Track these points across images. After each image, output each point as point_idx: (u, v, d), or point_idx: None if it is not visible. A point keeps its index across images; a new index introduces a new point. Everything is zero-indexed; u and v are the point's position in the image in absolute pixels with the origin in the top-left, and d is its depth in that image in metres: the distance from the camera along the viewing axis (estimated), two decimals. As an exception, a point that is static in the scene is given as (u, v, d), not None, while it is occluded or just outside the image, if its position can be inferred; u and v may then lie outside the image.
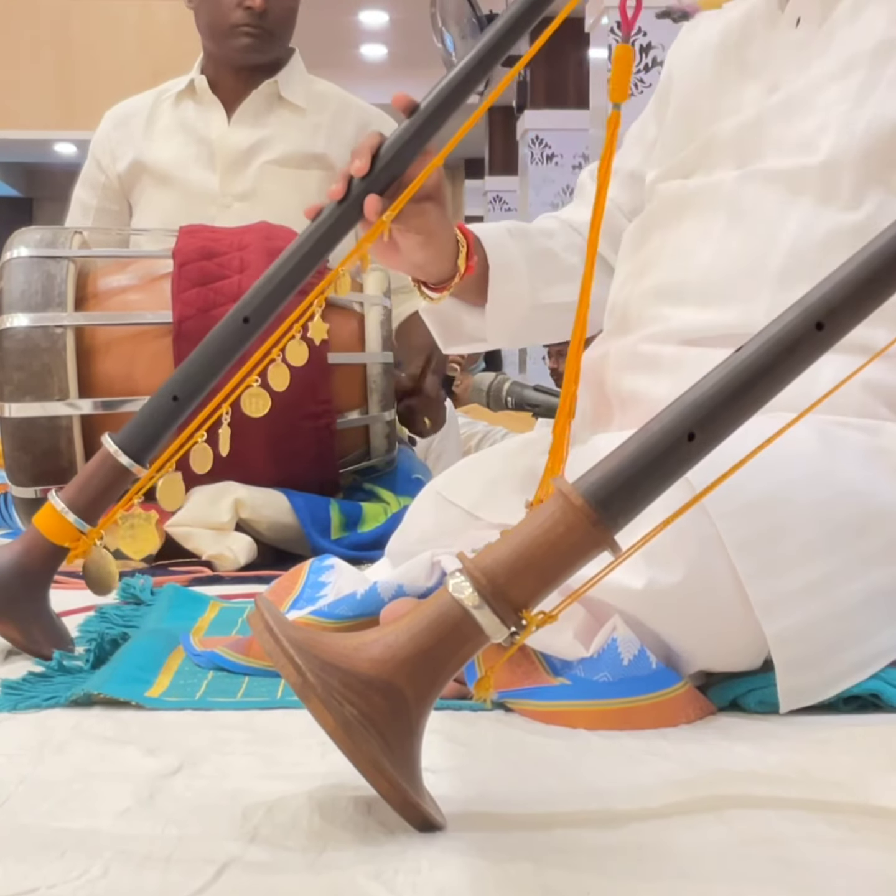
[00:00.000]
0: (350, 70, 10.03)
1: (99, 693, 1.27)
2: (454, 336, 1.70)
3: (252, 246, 2.42)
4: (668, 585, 1.25)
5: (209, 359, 1.50)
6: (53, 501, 1.49)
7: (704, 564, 1.24)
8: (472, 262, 1.57)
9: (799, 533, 1.26)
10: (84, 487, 1.50)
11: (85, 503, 1.49)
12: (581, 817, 0.97)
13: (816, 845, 0.91)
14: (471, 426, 4.60)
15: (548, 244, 1.68)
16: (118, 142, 2.94)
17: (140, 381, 2.32)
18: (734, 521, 1.24)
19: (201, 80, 2.92)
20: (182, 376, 1.51)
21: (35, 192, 13.57)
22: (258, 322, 1.50)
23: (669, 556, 1.24)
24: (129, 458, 1.49)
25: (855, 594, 1.27)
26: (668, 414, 0.95)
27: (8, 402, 2.28)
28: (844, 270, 0.95)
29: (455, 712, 1.24)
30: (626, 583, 1.24)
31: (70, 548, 1.50)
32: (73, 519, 1.48)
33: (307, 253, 1.49)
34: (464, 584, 0.93)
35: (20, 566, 1.49)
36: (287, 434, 1.53)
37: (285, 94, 2.90)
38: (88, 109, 8.06)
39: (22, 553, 1.49)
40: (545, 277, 1.66)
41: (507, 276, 1.63)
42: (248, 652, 1.42)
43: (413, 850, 0.88)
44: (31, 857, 0.87)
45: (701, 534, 1.24)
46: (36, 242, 2.38)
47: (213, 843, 0.90)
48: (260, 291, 1.50)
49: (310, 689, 0.89)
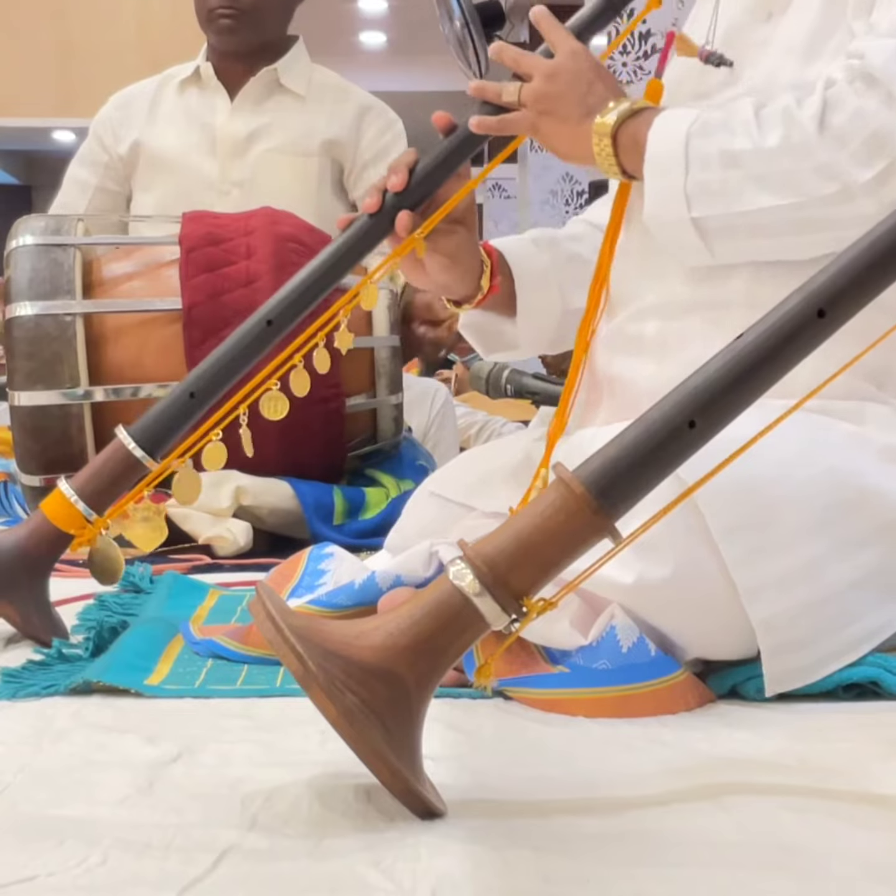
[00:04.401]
0: (349, 57, 10.00)
1: (98, 681, 1.27)
2: (493, 345, 1.71)
3: (258, 231, 2.42)
4: (657, 579, 1.25)
5: (229, 358, 1.51)
6: (63, 488, 1.49)
7: (692, 554, 1.24)
8: (496, 282, 1.58)
9: (785, 517, 1.26)
10: (95, 477, 1.50)
11: (94, 492, 1.49)
12: (580, 805, 0.97)
13: (815, 832, 0.91)
14: (470, 416, 4.59)
15: (576, 249, 1.69)
16: (120, 122, 2.95)
17: (150, 368, 2.33)
18: (719, 507, 1.24)
19: (207, 66, 2.94)
20: (201, 374, 1.51)
21: (34, 180, 13.54)
22: (281, 325, 1.51)
23: (659, 548, 1.24)
24: (142, 451, 1.49)
25: (842, 577, 1.27)
26: (669, 401, 0.95)
27: (18, 390, 2.29)
28: (846, 257, 0.95)
29: (454, 700, 1.24)
30: (616, 577, 1.25)
31: (75, 535, 1.50)
32: (82, 507, 1.48)
33: (336, 262, 1.51)
34: (464, 571, 0.93)
35: (24, 549, 1.49)
36: (297, 418, 1.54)
37: (285, 82, 2.92)
38: (87, 97, 8.04)
39: (26, 537, 1.49)
40: (575, 282, 1.66)
41: (535, 287, 1.64)
42: (246, 640, 1.42)
43: (412, 837, 0.88)
44: (31, 845, 0.87)
45: (688, 523, 1.24)
46: (41, 230, 2.38)
47: (212, 831, 0.90)
48: (286, 296, 1.50)
49: (311, 678, 0.89)
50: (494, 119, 1.45)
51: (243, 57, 2.91)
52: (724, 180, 1.33)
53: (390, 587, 1.37)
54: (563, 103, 1.41)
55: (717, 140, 1.33)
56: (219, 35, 2.87)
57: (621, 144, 1.39)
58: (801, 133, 1.29)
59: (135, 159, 2.93)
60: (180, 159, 2.89)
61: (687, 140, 1.34)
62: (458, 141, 1.48)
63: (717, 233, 1.35)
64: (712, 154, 1.33)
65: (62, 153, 4.95)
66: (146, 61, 7.56)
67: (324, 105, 2.94)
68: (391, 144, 2.93)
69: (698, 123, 1.35)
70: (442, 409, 3.82)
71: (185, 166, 2.89)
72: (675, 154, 1.34)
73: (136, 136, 2.92)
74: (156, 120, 2.94)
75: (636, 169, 1.39)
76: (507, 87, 1.45)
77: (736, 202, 1.32)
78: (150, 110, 2.95)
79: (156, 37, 8.06)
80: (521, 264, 1.63)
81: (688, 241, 1.37)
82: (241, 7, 2.82)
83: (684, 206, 1.34)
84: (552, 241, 1.69)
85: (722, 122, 1.34)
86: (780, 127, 1.30)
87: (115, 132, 2.95)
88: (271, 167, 2.88)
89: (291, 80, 2.92)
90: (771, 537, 1.25)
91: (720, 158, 1.33)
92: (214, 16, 2.84)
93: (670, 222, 1.36)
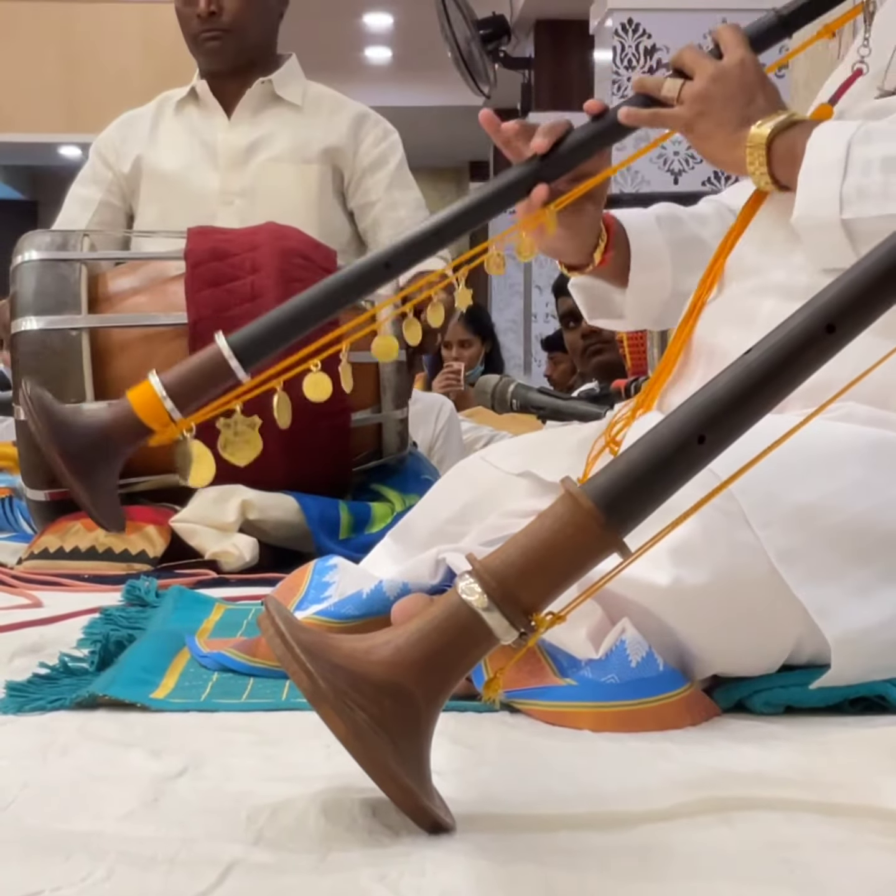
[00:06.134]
0: (354, 73, 10.01)
1: (104, 695, 1.27)
2: (599, 309, 1.72)
3: (263, 247, 2.43)
4: (694, 585, 1.24)
5: (340, 289, 1.51)
6: (153, 382, 1.47)
7: (734, 568, 1.23)
8: (608, 256, 1.60)
9: (843, 544, 1.25)
10: (185, 378, 1.47)
11: (182, 391, 1.46)
12: (586, 819, 0.97)
13: (821, 847, 0.90)
14: (475, 431, 4.59)
15: (697, 231, 1.69)
16: (123, 141, 2.99)
17: (155, 383, 2.32)
18: (777, 530, 1.23)
19: (202, 84, 2.99)
20: (308, 300, 1.50)
21: (39, 196, 13.55)
22: (398, 269, 1.52)
23: (698, 556, 1.23)
24: (237, 361, 1.48)
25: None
26: (678, 416, 0.95)
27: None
28: (855, 271, 0.95)
29: (460, 714, 1.24)
30: (650, 578, 1.23)
31: (155, 430, 1.48)
32: (168, 405, 1.46)
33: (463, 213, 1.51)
34: (473, 586, 0.93)
35: (105, 435, 1.46)
36: (304, 432, 1.54)
37: (281, 93, 2.96)
38: (93, 112, 8.06)
39: (109, 422, 1.47)
40: (689, 265, 1.66)
41: (649, 265, 1.65)
42: (254, 653, 1.41)
43: (417, 852, 0.88)
44: (36, 859, 0.87)
45: (734, 539, 1.23)
46: (46, 245, 2.39)
47: (217, 845, 0.90)
48: (408, 241, 1.50)
49: (321, 695, 0.89)
50: (647, 112, 1.47)
51: (235, 74, 2.95)
52: (885, 183, 1.32)
53: (398, 596, 1.37)
54: (723, 107, 1.42)
55: (880, 146, 1.33)
56: (207, 57, 2.92)
57: (776, 154, 1.39)
58: None
59: (137, 176, 2.96)
60: (182, 173, 2.92)
61: (849, 147, 1.34)
62: (605, 126, 1.50)
63: (868, 236, 1.31)
64: (874, 159, 1.32)
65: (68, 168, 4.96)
66: (151, 77, 7.59)
67: (320, 115, 2.97)
68: (388, 153, 2.95)
69: (861, 131, 1.34)
70: (447, 424, 3.83)
71: (188, 179, 2.92)
72: (835, 160, 1.34)
73: (138, 153, 2.96)
74: (157, 138, 2.99)
75: (790, 179, 1.39)
76: (667, 81, 1.46)
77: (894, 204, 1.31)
78: (151, 129, 3.00)
79: (161, 53, 8.08)
80: (639, 240, 1.64)
81: (835, 243, 1.35)
82: (222, 27, 2.86)
83: (837, 207, 1.34)
84: (676, 220, 1.69)
85: (886, 131, 1.33)
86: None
87: (118, 150, 2.98)
88: (272, 176, 2.90)
89: (287, 92, 2.97)
90: (829, 561, 1.24)
91: (883, 163, 1.32)
92: (200, 40, 2.89)
93: (819, 225, 1.35)
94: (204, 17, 2.84)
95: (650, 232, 1.66)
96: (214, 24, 2.85)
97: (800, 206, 1.38)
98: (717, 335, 1.48)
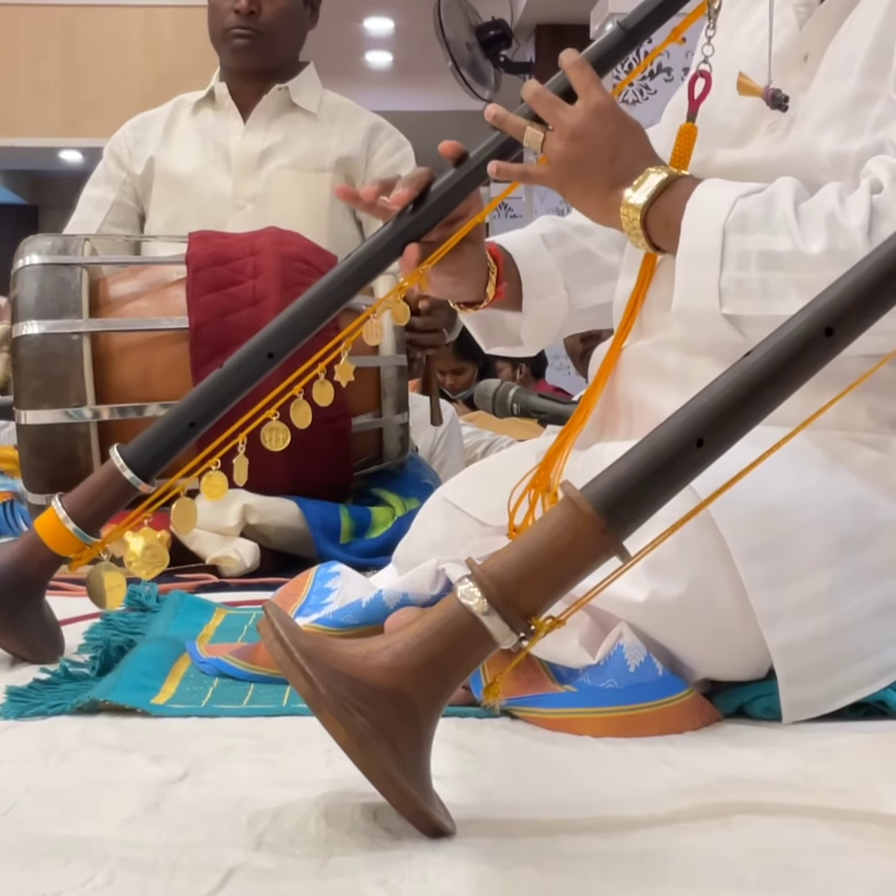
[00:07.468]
0: (355, 77, 10.01)
1: (105, 700, 1.27)
2: (495, 337, 1.71)
3: (264, 251, 2.43)
4: (670, 598, 1.24)
5: (229, 388, 1.51)
6: (56, 508, 1.49)
7: (707, 575, 1.24)
8: (501, 288, 1.58)
9: (805, 544, 1.26)
10: (88, 498, 1.49)
11: (87, 513, 1.48)
12: (586, 824, 0.97)
13: (822, 852, 0.90)
14: (476, 435, 4.59)
15: (584, 244, 1.68)
16: (136, 142, 2.99)
17: (156, 387, 2.33)
18: (741, 529, 1.24)
19: (221, 87, 2.99)
20: (198, 400, 1.51)
21: (40, 200, 13.57)
22: (282, 356, 1.51)
23: (672, 567, 1.24)
24: (132, 474, 1.49)
25: (860, 608, 1.27)
26: (677, 420, 0.95)
27: (25, 409, 2.29)
28: (854, 275, 0.95)
29: (461, 719, 1.24)
30: (627, 595, 1.24)
31: (72, 558, 1.49)
32: (72, 528, 1.48)
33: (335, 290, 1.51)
34: (472, 590, 0.93)
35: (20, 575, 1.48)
36: (303, 437, 1.54)
37: (297, 101, 2.96)
38: (94, 117, 8.08)
39: (24, 559, 1.49)
40: (582, 281, 1.65)
41: (542, 292, 1.64)
42: (253, 659, 1.41)
43: (419, 856, 0.88)
44: (37, 864, 0.87)
45: (704, 544, 1.24)
46: (48, 250, 2.39)
47: (218, 850, 0.90)
48: (288, 327, 1.50)
49: (321, 700, 0.89)
50: (518, 168, 1.43)
51: (256, 77, 2.95)
52: (763, 280, 1.30)
53: (397, 605, 1.37)
54: (587, 171, 1.38)
55: (756, 239, 1.31)
56: (234, 54, 2.91)
57: (652, 227, 1.37)
58: (848, 242, 1.26)
59: (150, 177, 2.96)
60: (195, 176, 2.92)
61: (724, 234, 1.31)
62: (469, 171, 1.47)
63: (752, 324, 1.31)
64: (751, 253, 1.30)
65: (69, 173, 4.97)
66: (152, 82, 7.60)
67: (335, 124, 2.97)
68: (400, 164, 2.95)
69: (735, 216, 1.32)
70: (448, 429, 3.82)
71: (200, 183, 2.92)
72: (711, 248, 1.32)
73: (151, 154, 2.96)
74: (171, 140, 2.98)
75: (669, 248, 1.37)
76: (530, 131, 1.41)
77: (775, 304, 1.29)
78: (165, 131, 2.99)
79: (161, 58, 8.10)
80: (529, 265, 1.63)
81: (720, 330, 1.34)
82: (257, 28, 2.86)
83: (716, 300, 1.32)
84: (561, 236, 1.68)
85: (761, 218, 1.31)
86: (825, 232, 1.28)
87: (132, 151, 2.98)
88: (284, 183, 2.91)
89: (303, 99, 2.96)
90: (790, 563, 1.25)
91: (759, 258, 1.30)
92: (230, 35, 2.88)
93: (701, 314, 1.34)
94: (243, 13, 2.84)
95: (539, 255, 1.65)
96: (250, 22, 2.86)
97: (679, 297, 1.36)
98: (634, 387, 1.48)
